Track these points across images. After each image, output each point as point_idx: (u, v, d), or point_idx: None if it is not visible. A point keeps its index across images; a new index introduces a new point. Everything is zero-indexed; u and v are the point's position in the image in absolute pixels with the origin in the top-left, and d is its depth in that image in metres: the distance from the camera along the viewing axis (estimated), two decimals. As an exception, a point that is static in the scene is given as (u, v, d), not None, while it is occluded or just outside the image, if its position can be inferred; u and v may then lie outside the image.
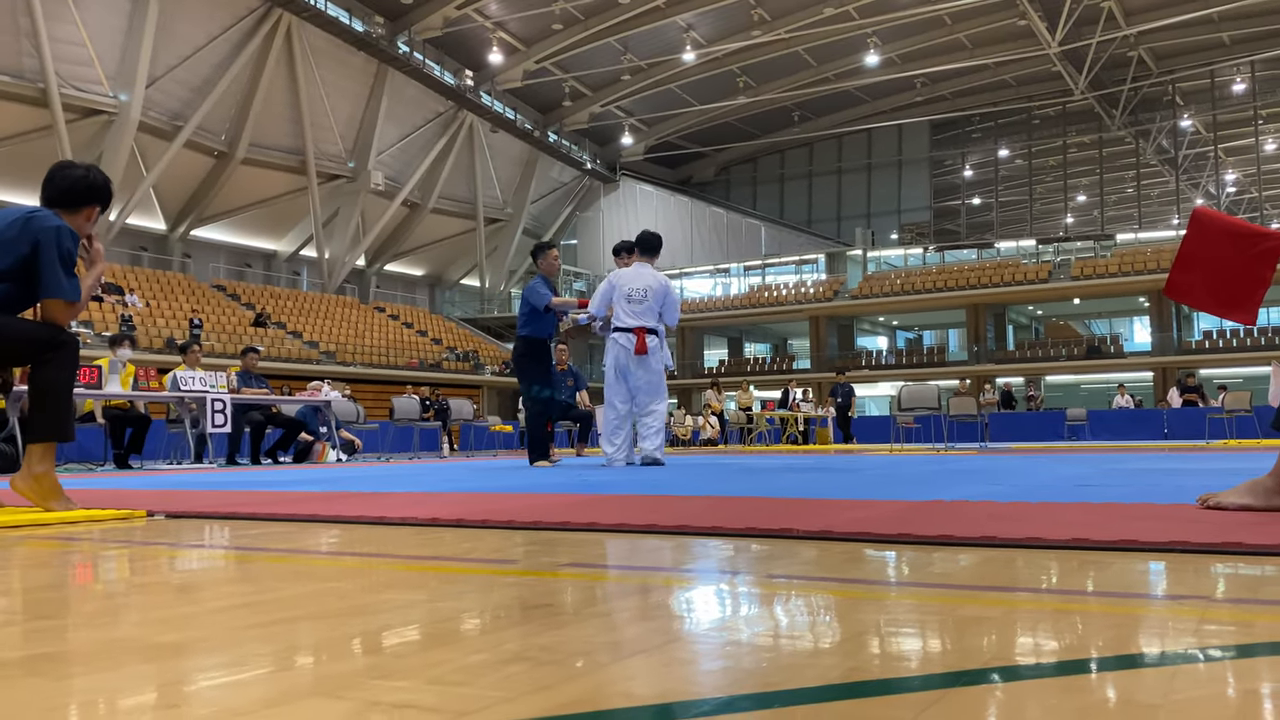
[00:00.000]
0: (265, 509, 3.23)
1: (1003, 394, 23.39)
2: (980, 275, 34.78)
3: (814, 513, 2.71)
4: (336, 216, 33.39)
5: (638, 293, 6.93)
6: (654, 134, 41.95)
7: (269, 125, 29.90)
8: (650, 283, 6.97)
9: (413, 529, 2.63)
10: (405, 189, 34.47)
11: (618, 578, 1.74)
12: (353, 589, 1.62)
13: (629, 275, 7.03)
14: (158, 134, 27.16)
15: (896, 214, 43.91)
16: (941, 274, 36.01)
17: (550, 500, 3.51)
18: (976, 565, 1.78)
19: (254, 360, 10.92)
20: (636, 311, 6.91)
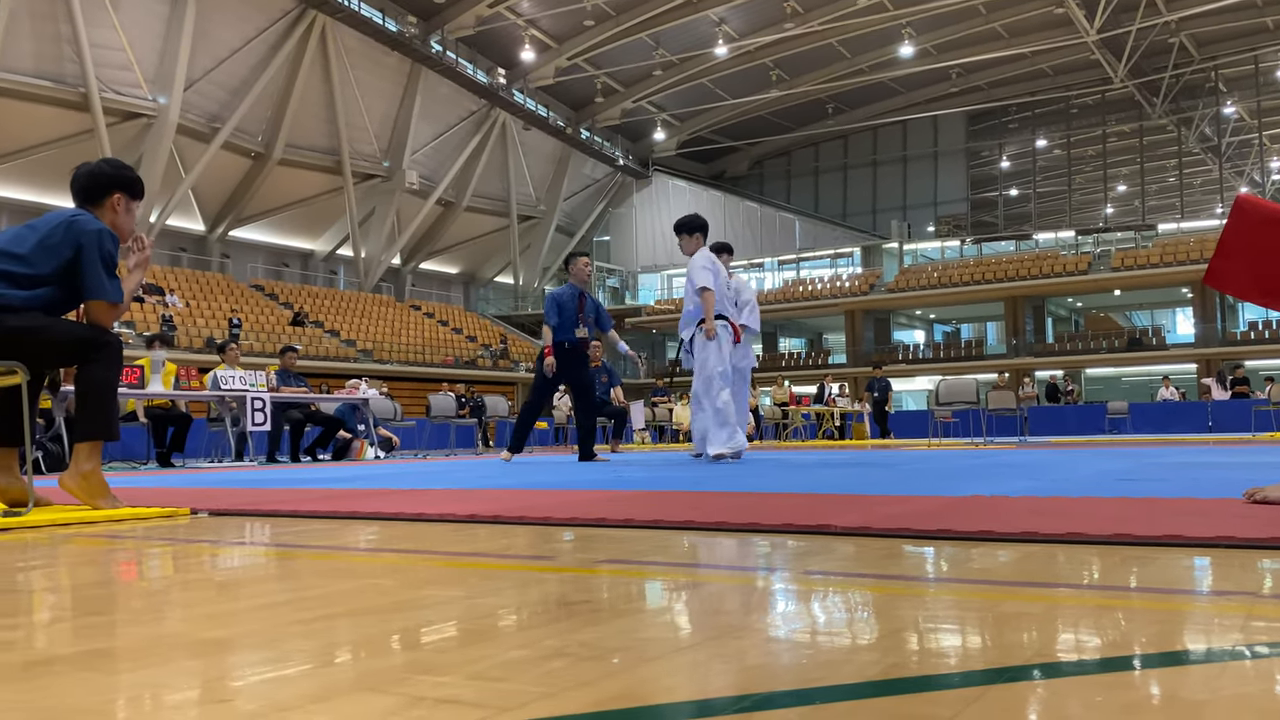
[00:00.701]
0: (306, 506, 3.27)
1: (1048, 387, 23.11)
2: (1018, 267, 34.37)
3: (851, 508, 2.70)
4: (372, 216, 33.65)
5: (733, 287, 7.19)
6: (686, 129, 41.87)
7: (305, 126, 30.20)
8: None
9: (451, 525, 2.65)
10: (439, 188, 34.67)
11: (655, 574, 1.75)
12: (393, 585, 1.64)
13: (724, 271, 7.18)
14: (196, 136, 27.54)
15: (933, 206, 43.50)
16: (979, 266, 35.64)
17: (586, 497, 3.52)
18: (1017, 561, 1.76)
19: (292, 359, 11.04)
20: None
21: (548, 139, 38.27)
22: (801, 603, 1.41)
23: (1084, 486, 3.45)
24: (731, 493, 3.51)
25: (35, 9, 23.38)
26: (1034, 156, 42.40)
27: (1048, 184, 43.07)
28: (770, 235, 41.71)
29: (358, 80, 30.80)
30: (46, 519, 3.04)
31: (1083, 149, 42.19)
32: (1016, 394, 14.27)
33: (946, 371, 32.39)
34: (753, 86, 38.34)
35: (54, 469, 8.26)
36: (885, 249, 39.12)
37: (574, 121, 39.28)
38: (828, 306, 36.74)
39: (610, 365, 12.52)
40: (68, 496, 3.84)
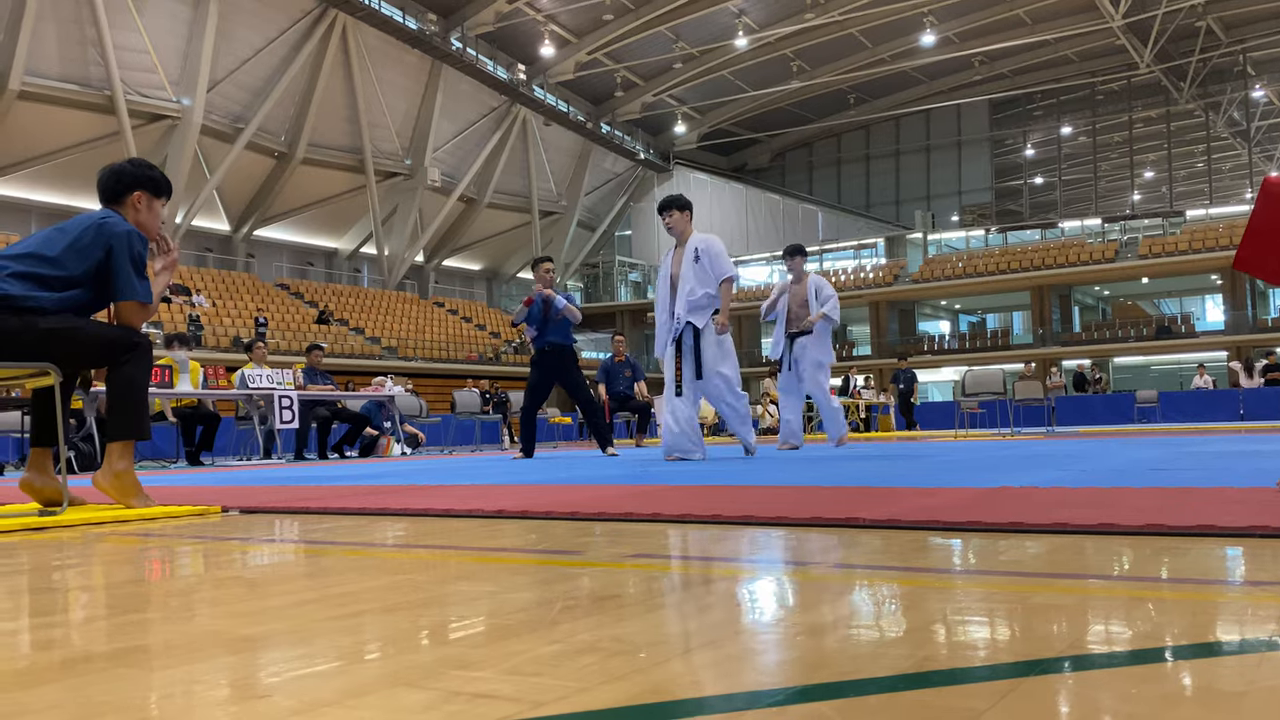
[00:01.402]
0: (335, 503, 3.30)
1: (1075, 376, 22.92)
2: (1044, 256, 34.09)
3: (879, 501, 2.70)
4: (395, 213, 33.80)
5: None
6: (707, 122, 41.77)
7: (327, 125, 30.37)
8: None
9: (479, 521, 2.67)
10: (461, 184, 34.78)
11: (684, 568, 1.75)
12: (425, 581, 1.65)
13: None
14: (220, 136, 27.76)
15: (957, 195, 43.19)
16: (1004, 255, 35.37)
17: (612, 491, 3.53)
18: (1047, 553, 1.75)
19: (318, 357, 11.12)
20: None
21: (568, 134, 38.29)
22: (831, 596, 1.41)
23: (1114, 477, 3.42)
24: (757, 486, 3.51)
25: (60, 13, 23.63)
26: (1059, 144, 42.00)
27: (1073, 172, 42.65)
28: (792, 227, 41.55)
29: (379, 78, 30.94)
30: (81, 518, 3.08)
31: (1109, 135, 41.74)
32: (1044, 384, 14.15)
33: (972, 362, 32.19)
34: (773, 78, 38.19)
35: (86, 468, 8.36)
36: (909, 239, 38.90)
37: (594, 116, 39.27)
38: (852, 298, 36.59)
39: (634, 360, 12.53)
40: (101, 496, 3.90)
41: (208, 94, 26.54)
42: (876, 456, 6.05)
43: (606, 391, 11.72)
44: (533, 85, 35.58)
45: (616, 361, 11.99)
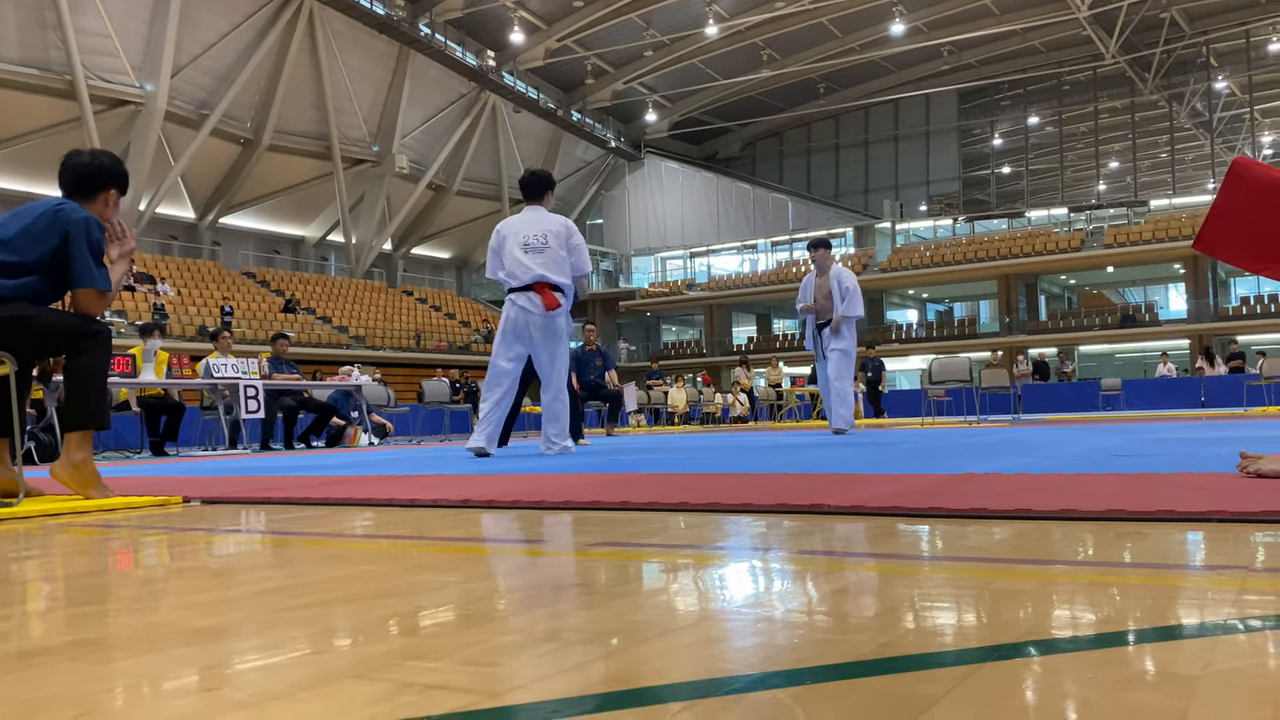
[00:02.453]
0: (299, 493, 3.26)
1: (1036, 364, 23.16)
2: (1011, 245, 34.40)
3: (845, 488, 2.71)
4: (362, 201, 33.53)
5: (535, 239, 5.88)
6: (678, 110, 41.73)
7: (293, 111, 30.04)
8: (551, 225, 5.92)
9: (445, 511, 2.65)
10: (430, 172, 34.54)
11: (649, 556, 1.75)
12: (387, 571, 1.63)
13: (519, 221, 6.01)
14: (184, 123, 27.37)
15: (925, 185, 43.46)
16: (971, 245, 35.65)
17: (581, 480, 3.53)
18: (1010, 538, 1.76)
19: (284, 346, 11.02)
20: (539, 261, 5.86)
21: (538, 121, 38.12)
22: (795, 582, 1.41)
23: (1077, 463, 3.46)
24: (726, 474, 3.52)
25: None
26: (1026, 134, 42.35)
27: (1040, 161, 43.03)
28: (763, 216, 41.67)
29: (346, 64, 30.63)
30: (38, 509, 3.03)
31: (1075, 125, 42.15)
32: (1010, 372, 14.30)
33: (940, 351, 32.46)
34: (744, 66, 38.20)
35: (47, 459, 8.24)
36: (878, 229, 39.11)
37: (565, 104, 39.12)
38: (821, 287, 36.81)
39: (605, 349, 12.52)
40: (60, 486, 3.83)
41: (172, 79, 26.14)
42: (844, 444, 6.08)
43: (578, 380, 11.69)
44: (502, 72, 35.37)
45: (587, 350, 11.96)
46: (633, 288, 41.84)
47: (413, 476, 4.05)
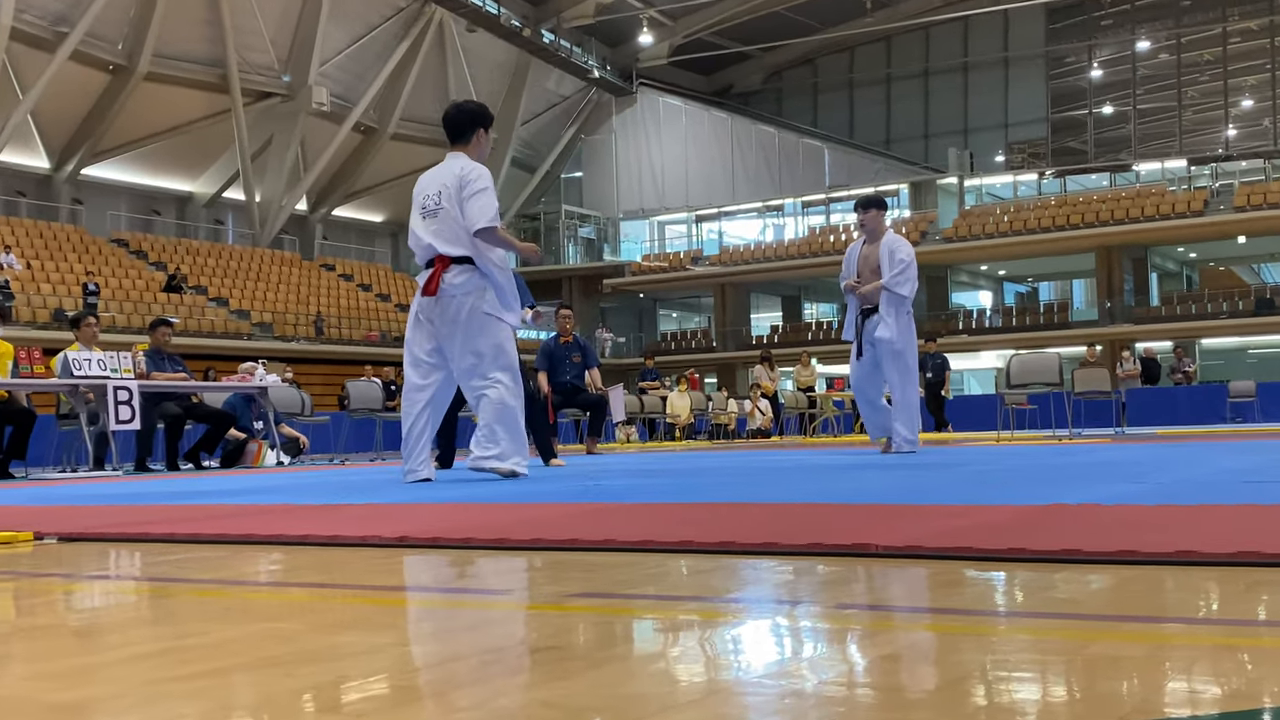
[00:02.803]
0: (187, 528, 3.26)
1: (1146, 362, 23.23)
2: (1114, 208, 34.48)
3: (898, 523, 2.72)
4: (269, 146, 33.44)
5: (430, 199, 5.84)
6: (681, 30, 41.70)
7: (179, 30, 29.93)
8: (446, 178, 5.83)
9: (376, 551, 2.65)
10: (358, 109, 34.46)
11: (643, 611, 1.75)
12: (301, 629, 1.63)
13: (427, 177, 6.02)
14: (35, 43, 27.27)
15: (1003, 129, 43.53)
16: (1062, 207, 35.74)
17: (555, 511, 3.52)
18: (1111, 589, 1.77)
19: (167, 336, 10.99)
20: (431, 229, 5.81)
21: (498, 43, 38.06)
22: (832, 646, 1.41)
23: (1198, 491, 3.47)
24: (741, 504, 3.52)
25: None
26: (1134, 63, 42.45)
27: (1151, 99, 43.13)
28: (791, 168, 41.73)
29: (248, -32, 30.58)
30: None
31: (1197, 53, 42.25)
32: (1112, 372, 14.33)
33: (1021, 345, 32.53)
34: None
35: None
36: (940, 185, 39.16)
37: (533, 21, 39.07)
38: (867, 261, 36.84)
39: (585, 341, 12.52)
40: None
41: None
42: (896, 465, 6.09)
43: (549, 382, 11.69)
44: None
45: (562, 343, 11.95)
46: (621, 261, 41.85)
47: (335, 506, 4.04)
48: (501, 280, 5.79)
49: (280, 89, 32.75)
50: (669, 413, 20.51)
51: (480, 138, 5.99)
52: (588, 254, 42.95)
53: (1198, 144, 42.44)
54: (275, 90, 32.71)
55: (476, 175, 5.75)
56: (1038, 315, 36.42)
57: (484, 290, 5.75)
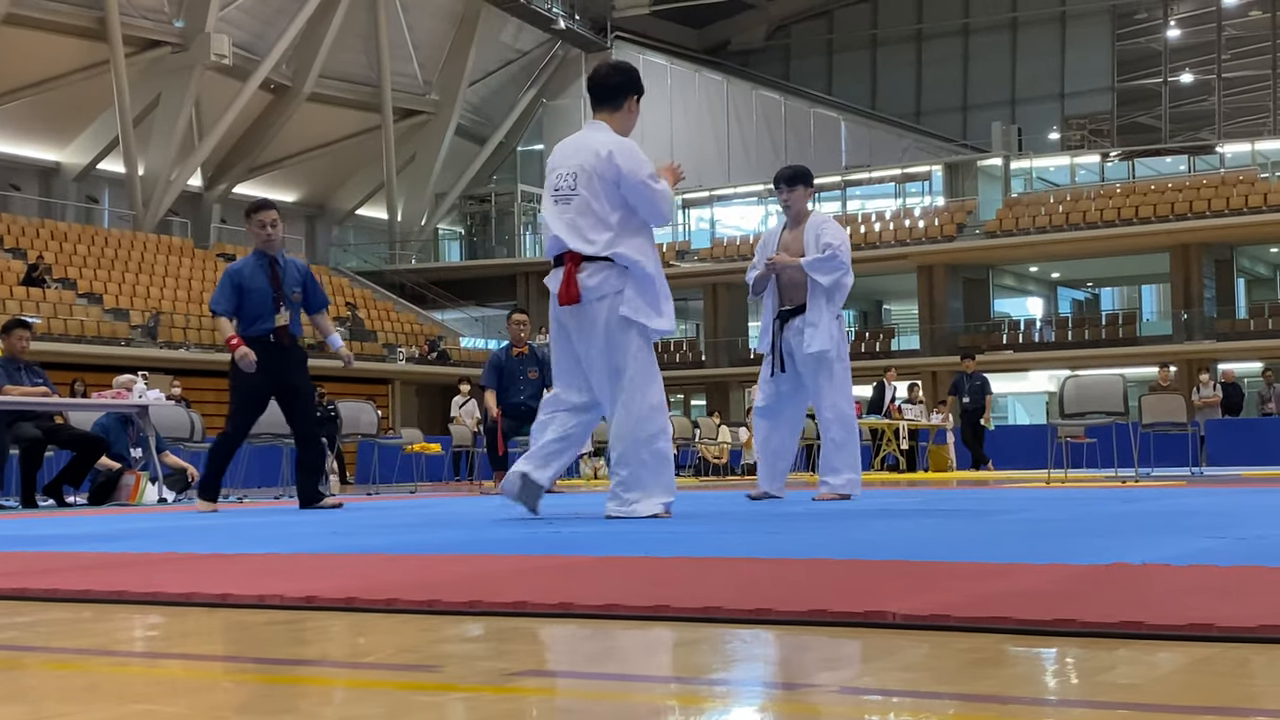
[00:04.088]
0: (40, 582, 3.23)
1: (1228, 388, 23.34)
2: (1193, 198, 34.67)
3: (920, 585, 2.72)
4: (157, 107, 33.32)
5: (565, 180, 5.95)
6: (667, -28, 41.85)
7: (46, -39, 29.85)
8: (585, 158, 5.93)
9: (276, 614, 2.63)
10: (266, 63, 34.38)
11: (606, 695, 1.74)
12: (180, 714, 1.62)
13: (563, 149, 6.17)
14: None
15: (1058, 100, 43.73)
16: (1130, 196, 35.91)
17: (502, 566, 3.50)
18: (1182, 671, 1.77)
19: (24, 341, 10.92)
20: (565, 219, 5.93)
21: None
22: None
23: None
24: (729, 559, 3.51)
25: None
26: (1219, 21, 42.75)
27: (1241, 65, 43.39)
28: (801, 143, 41.82)
29: (133, -112, 30.52)
30: None
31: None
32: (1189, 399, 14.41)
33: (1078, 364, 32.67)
34: (773, -95, 38.38)
35: None
36: (982, 168, 39.32)
37: (485, -41, 39.14)
38: (891, 259, 36.90)
39: (544, 353, 12.49)
40: None
41: None
42: (922, 511, 6.09)
43: (499, 402, 11.67)
44: (386, -94, 35.36)
45: (516, 355, 11.94)
46: (590, 254, 41.80)
47: (228, 556, 4.01)
48: (651, 271, 5.87)
49: (171, 37, 32.67)
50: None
51: (632, 106, 6.22)
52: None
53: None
54: (165, 38, 32.62)
55: (623, 150, 5.86)
56: (1099, 328, 36.53)
57: (623, 291, 5.81)
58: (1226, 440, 20.41)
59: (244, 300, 8.28)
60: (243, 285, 8.31)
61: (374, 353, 33.27)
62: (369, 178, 40.32)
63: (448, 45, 39.41)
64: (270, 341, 8.30)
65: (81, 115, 33.20)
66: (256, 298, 8.31)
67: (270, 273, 8.38)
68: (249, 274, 8.37)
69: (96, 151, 34.35)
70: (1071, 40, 43.58)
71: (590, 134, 6.02)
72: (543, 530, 5.15)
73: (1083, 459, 16.15)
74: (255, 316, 8.31)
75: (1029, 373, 36.66)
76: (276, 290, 8.35)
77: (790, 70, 46.71)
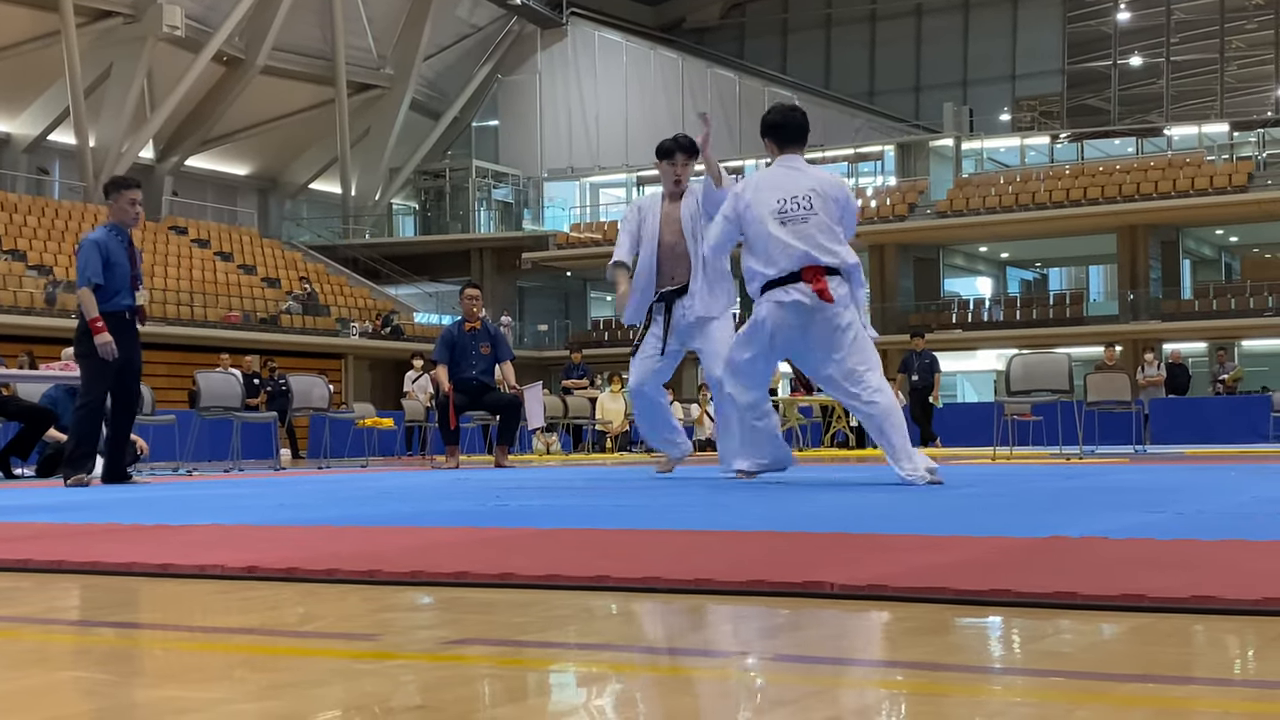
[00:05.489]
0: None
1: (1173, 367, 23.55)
2: (1140, 180, 34.89)
3: (861, 556, 2.73)
4: (108, 79, 33.02)
5: (799, 203, 6.47)
6: (622, -51, 41.75)
7: (-4, -70, 29.50)
8: (816, 184, 6.59)
9: (217, 584, 2.62)
10: (219, 34, 34.10)
11: (540, 662, 1.74)
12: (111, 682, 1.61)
13: (771, 179, 6.70)
14: None
15: (1009, 81, 43.91)
16: (1079, 177, 36.11)
17: (446, 537, 3.51)
18: (1113, 641, 1.78)
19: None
20: (804, 235, 6.38)
21: (397, -40, 37.93)
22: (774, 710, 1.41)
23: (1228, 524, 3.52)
24: (675, 531, 3.52)
25: None
26: (1168, 4, 42.97)
27: (1189, 49, 43.67)
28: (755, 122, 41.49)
29: None
30: None
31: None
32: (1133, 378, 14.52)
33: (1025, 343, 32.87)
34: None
35: None
36: (934, 148, 39.45)
37: (440, -67, 38.94)
38: (843, 238, 36.99)
39: (496, 329, 12.46)
40: None
41: None
42: (867, 485, 6.12)
43: (451, 377, 11.63)
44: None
45: (468, 330, 11.88)
46: (544, 231, 41.76)
47: (172, 528, 3.99)
48: (862, 297, 6.66)
49: (123, 7, 32.34)
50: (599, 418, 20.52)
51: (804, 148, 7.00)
52: (503, 221, 42.83)
53: (1243, 105, 43.03)
54: (116, 9, 32.30)
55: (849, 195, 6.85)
56: (1046, 308, 36.75)
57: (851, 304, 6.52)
58: (1170, 419, 20.58)
59: (107, 275, 8.18)
60: (108, 259, 8.22)
61: (327, 327, 33.12)
62: (323, 152, 40.02)
63: (402, 19, 39.19)
64: (126, 319, 8.30)
65: (32, 86, 32.84)
66: (119, 272, 8.24)
67: (128, 250, 8.35)
68: (112, 247, 8.27)
69: (47, 122, 34.00)
70: (1023, 22, 43.77)
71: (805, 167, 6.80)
72: (490, 504, 5.15)
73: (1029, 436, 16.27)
74: (115, 291, 8.21)
75: (977, 351, 36.86)
76: (134, 267, 8.35)
77: (745, 49, 46.67)
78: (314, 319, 32.87)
